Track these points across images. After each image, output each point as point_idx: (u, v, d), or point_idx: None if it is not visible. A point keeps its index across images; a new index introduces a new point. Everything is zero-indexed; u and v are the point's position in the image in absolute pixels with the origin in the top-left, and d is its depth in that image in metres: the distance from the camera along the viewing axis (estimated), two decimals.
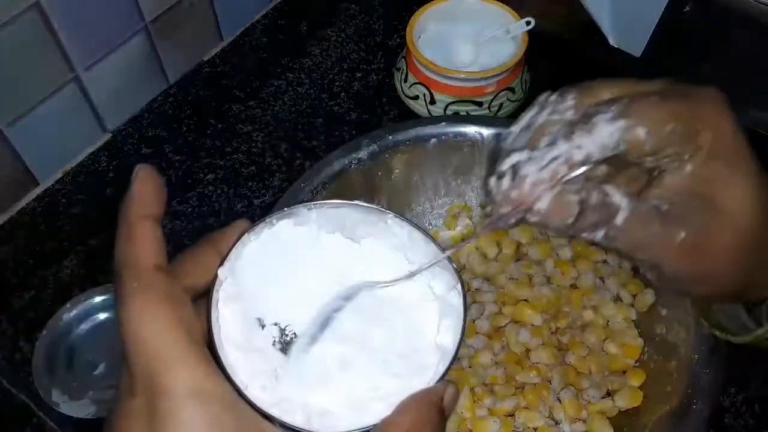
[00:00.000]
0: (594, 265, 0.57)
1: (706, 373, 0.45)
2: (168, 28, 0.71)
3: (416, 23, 0.68)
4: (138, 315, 0.23)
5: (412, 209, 0.61)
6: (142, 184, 0.26)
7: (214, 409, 0.23)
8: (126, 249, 0.25)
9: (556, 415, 0.51)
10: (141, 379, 0.23)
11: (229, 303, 0.27)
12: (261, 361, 0.27)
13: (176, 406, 0.22)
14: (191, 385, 0.22)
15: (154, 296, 0.23)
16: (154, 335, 0.23)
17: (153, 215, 0.26)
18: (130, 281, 0.24)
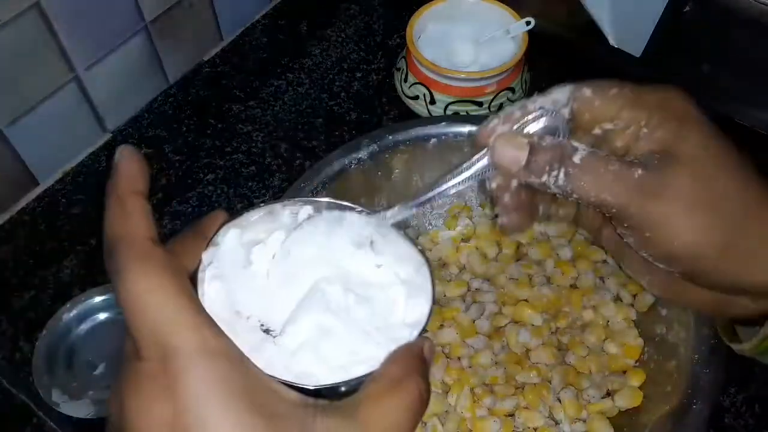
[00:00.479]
0: (594, 265, 0.57)
1: (706, 373, 0.45)
2: (168, 28, 0.71)
3: (416, 23, 0.68)
4: (141, 284, 0.24)
5: None
6: (127, 161, 0.26)
7: (224, 365, 0.23)
8: (120, 223, 0.25)
9: (556, 415, 0.51)
10: (148, 344, 0.23)
11: (214, 283, 0.29)
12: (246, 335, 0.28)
13: (188, 364, 0.23)
14: (200, 345, 0.23)
15: (155, 265, 0.24)
16: (159, 301, 0.23)
17: (141, 191, 0.26)
18: (127, 253, 0.24)
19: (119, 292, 0.24)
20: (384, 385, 0.26)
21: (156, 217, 0.64)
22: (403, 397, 0.26)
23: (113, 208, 0.25)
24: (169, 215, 0.65)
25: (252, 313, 0.29)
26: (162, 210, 0.66)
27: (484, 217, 0.61)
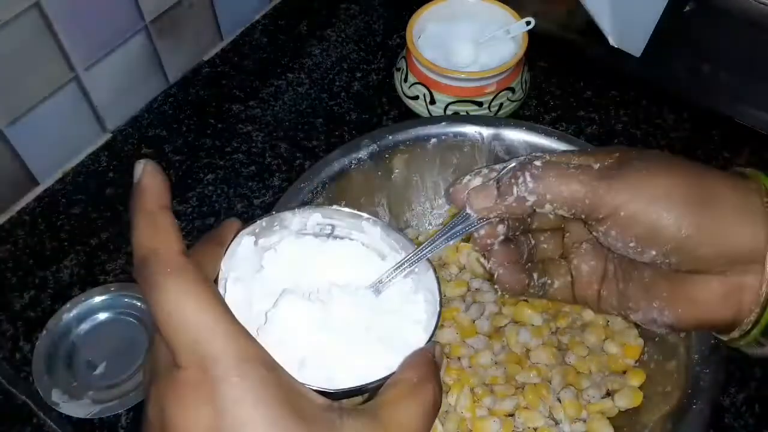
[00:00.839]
0: None
1: (706, 373, 0.45)
2: (168, 28, 0.71)
3: (416, 23, 0.68)
4: (178, 297, 0.25)
5: (412, 209, 0.61)
6: (151, 176, 0.28)
7: (261, 372, 0.25)
8: (151, 238, 0.26)
9: (556, 415, 0.51)
10: (188, 354, 0.25)
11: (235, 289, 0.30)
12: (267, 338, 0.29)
13: (227, 371, 0.24)
14: (238, 353, 0.25)
15: (189, 278, 0.25)
16: (197, 312, 0.25)
17: (167, 205, 0.27)
18: (162, 268, 0.25)
19: (155, 304, 0.25)
20: (403, 389, 0.28)
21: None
22: (420, 400, 0.28)
23: (143, 223, 0.27)
24: None
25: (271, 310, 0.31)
26: None
27: None
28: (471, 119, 0.60)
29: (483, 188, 0.34)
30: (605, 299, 0.36)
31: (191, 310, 0.25)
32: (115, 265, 0.62)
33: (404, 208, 0.61)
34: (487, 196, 0.33)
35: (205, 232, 0.64)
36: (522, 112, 0.71)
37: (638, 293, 0.35)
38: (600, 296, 0.37)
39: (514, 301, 0.56)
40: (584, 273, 0.37)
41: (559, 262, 0.38)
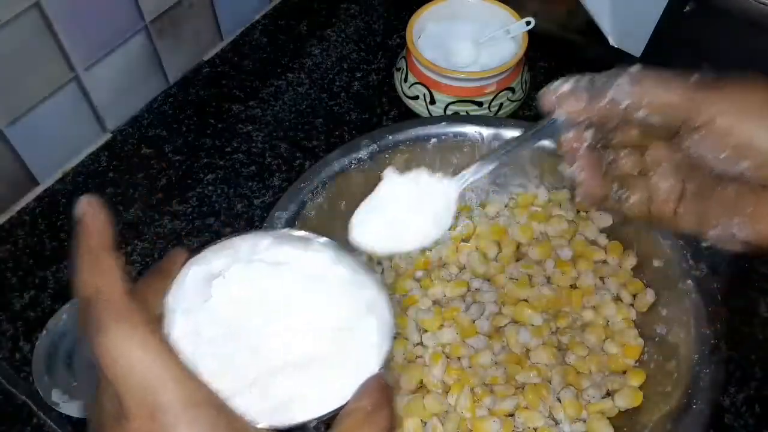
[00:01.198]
0: (594, 265, 0.57)
1: (706, 373, 0.46)
2: (168, 28, 0.71)
3: (416, 23, 0.68)
4: (123, 341, 0.24)
5: None
6: (92, 216, 0.27)
7: (210, 414, 0.25)
8: (95, 280, 0.26)
9: (556, 415, 0.51)
10: (137, 402, 0.24)
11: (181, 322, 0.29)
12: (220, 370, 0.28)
13: (176, 418, 0.24)
14: (187, 398, 0.24)
15: (135, 323, 0.25)
16: (143, 359, 0.24)
17: (110, 245, 0.27)
18: (107, 312, 0.25)
19: (99, 349, 0.25)
20: (357, 419, 0.28)
21: (156, 218, 0.65)
22: (376, 428, 0.27)
23: (86, 264, 0.26)
24: (169, 215, 0.65)
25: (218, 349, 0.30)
26: (162, 210, 0.65)
27: (484, 217, 0.61)
28: (471, 119, 0.60)
29: (574, 91, 0.34)
30: (682, 217, 0.36)
31: (137, 356, 0.24)
32: None
33: None
34: (579, 99, 0.33)
35: (205, 232, 0.64)
36: (522, 112, 0.71)
37: (719, 210, 0.35)
38: (676, 214, 0.36)
39: (514, 301, 0.56)
40: (663, 190, 0.36)
41: (638, 178, 0.38)
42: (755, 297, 0.59)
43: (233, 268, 0.32)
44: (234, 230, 0.64)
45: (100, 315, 0.25)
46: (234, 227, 0.64)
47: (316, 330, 0.31)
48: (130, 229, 0.64)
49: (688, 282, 0.49)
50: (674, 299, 0.51)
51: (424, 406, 0.50)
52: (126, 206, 0.66)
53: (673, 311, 0.51)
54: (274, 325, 0.31)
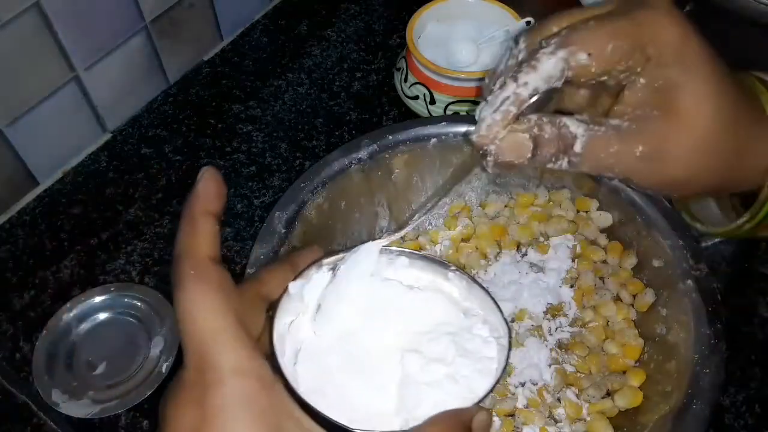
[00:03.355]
0: (594, 265, 0.57)
1: (706, 373, 0.45)
2: (168, 28, 0.71)
3: (416, 23, 0.68)
4: (193, 300, 0.26)
5: (412, 209, 0.61)
6: (206, 183, 0.28)
7: (253, 386, 0.26)
8: (187, 240, 0.27)
9: (556, 415, 0.51)
10: (193, 355, 0.26)
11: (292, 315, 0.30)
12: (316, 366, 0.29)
13: (220, 379, 0.25)
14: (234, 364, 0.25)
15: (208, 284, 0.26)
16: (206, 318, 0.26)
17: (214, 212, 0.28)
18: (188, 269, 0.26)
19: (175, 302, 0.26)
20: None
21: (156, 218, 0.65)
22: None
23: (184, 224, 0.28)
24: (169, 215, 0.65)
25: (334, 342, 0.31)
26: (162, 210, 0.65)
27: (484, 217, 0.61)
28: (471, 119, 0.59)
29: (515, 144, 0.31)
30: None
31: (202, 314, 0.26)
32: (115, 265, 0.62)
33: (404, 208, 0.61)
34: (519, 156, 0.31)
35: None
36: None
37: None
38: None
39: None
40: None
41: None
42: (755, 297, 0.59)
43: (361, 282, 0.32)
44: (234, 230, 0.64)
45: (181, 271, 0.26)
46: (234, 227, 0.64)
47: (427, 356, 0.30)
48: (130, 229, 0.64)
49: (688, 282, 0.49)
50: (674, 299, 0.51)
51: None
52: (126, 206, 0.66)
53: (673, 311, 0.51)
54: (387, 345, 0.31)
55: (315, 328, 0.31)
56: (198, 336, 0.26)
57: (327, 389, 0.29)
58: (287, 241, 0.52)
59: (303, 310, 0.31)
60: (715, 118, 0.31)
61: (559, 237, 0.58)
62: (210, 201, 0.28)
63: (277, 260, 0.32)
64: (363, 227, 0.59)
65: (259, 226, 0.55)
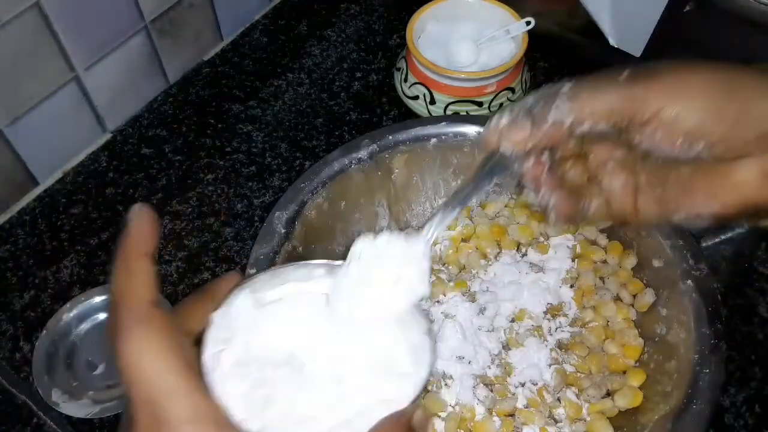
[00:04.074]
0: (594, 265, 0.57)
1: (706, 373, 0.45)
2: (168, 28, 0.71)
3: (416, 23, 0.68)
4: (138, 346, 0.25)
5: (412, 209, 0.61)
6: (139, 222, 0.28)
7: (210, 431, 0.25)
8: (123, 285, 0.26)
9: (556, 415, 0.51)
10: (143, 407, 0.25)
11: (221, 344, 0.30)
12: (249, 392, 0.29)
13: (177, 429, 0.24)
14: (189, 411, 0.25)
15: (152, 328, 0.25)
16: (153, 365, 0.25)
17: (149, 252, 0.27)
18: (128, 314, 0.25)
19: (117, 351, 0.25)
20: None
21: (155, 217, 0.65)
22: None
23: (119, 267, 0.27)
24: (169, 215, 0.65)
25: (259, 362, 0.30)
26: (162, 210, 0.65)
27: (484, 217, 0.61)
28: (471, 119, 0.60)
29: (515, 123, 0.33)
30: (643, 209, 0.36)
31: (150, 362, 0.25)
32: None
33: (404, 208, 0.61)
34: (522, 128, 0.33)
35: (205, 232, 0.64)
36: None
37: (678, 193, 0.35)
38: (637, 208, 0.37)
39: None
40: (617, 188, 0.37)
41: (590, 185, 0.38)
42: (755, 297, 0.59)
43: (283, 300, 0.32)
44: (234, 230, 0.64)
45: (121, 319, 0.25)
46: (234, 227, 0.64)
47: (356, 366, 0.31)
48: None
49: (688, 282, 0.49)
50: (674, 299, 0.51)
51: (424, 405, 0.50)
52: (126, 206, 0.66)
53: (673, 311, 0.51)
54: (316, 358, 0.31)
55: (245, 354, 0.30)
56: (147, 386, 0.25)
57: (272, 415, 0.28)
58: (287, 241, 0.52)
59: (229, 337, 0.30)
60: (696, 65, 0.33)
61: (559, 237, 0.58)
62: (143, 241, 0.27)
63: (194, 292, 0.31)
64: (363, 227, 0.59)
65: (259, 226, 0.55)
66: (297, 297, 0.33)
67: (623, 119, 0.32)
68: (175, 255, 0.62)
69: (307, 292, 0.33)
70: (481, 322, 0.55)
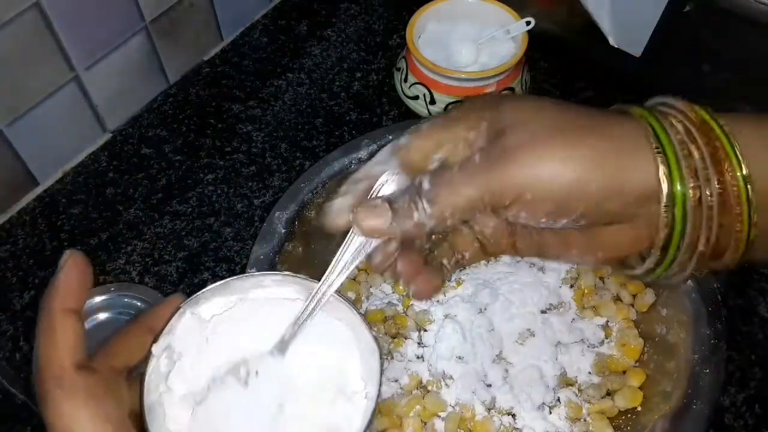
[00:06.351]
0: None
1: (706, 373, 0.46)
2: (168, 28, 0.71)
3: (416, 23, 0.68)
4: (64, 418, 0.25)
5: None
6: (67, 272, 0.27)
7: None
8: (46, 348, 0.26)
9: (557, 415, 0.51)
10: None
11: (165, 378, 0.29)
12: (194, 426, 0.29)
13: None
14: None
15: (77, 397, 0.25)
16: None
17: (75, 308, 0.27)
18: (52, 383, 0.25)
19: (45, 418, 0.25)
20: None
21: (156, 218, 0.65)
22: None
23: (43, 325, 0.26)
24: (169, 215, 0.65)
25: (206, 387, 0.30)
26: (162, 210, 0.66)
27: None
28: None
29: (372, 208, 0.30)
30: (522, 249, 0.35)
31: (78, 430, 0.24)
32: (115, 265, 0.62)
33: None
34: (379, 217, 0.30)
35: (205, 232, 0.64)
36: None
37: (554, 242, 0.33)
38: (516, 247, 0.35)
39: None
40: (491, 235, 0.35)
41: (461, 231, 0.36)
42: (755, 297, 0.59)
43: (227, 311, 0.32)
44: (234, 230, 0.64)
45: (45, 387, 0.25)
46: (234, 227, 0.64)
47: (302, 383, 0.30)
48: (130, 229, 0.64)
49: (688, 282, 0.49)
50: (674, 299, 0.51)
51: (424, 405, 0.50)
52: (126, 206, 0.66)
53: (673, 311, 0.51)
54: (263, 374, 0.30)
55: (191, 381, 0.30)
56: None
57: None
58: (287, 241, 0.52)
59: (173, 368, 0.30)
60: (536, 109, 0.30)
61: None
62: (70, 296, 0.27)
63: (127, 325, 0.31)
64: None
65: (259, 226, 0.55)
66: (243, 310, 0.32)
67: (485, 208, 0.30)
68: (175, 255, 0.62)
69: (253, 303, 0.32)
70: (481, 322, 0.54)
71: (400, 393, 0.52)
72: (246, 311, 0.32)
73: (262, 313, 0.32)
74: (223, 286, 0.31)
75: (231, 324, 0.32)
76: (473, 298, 0.56)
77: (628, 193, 0.29)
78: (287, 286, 0.32)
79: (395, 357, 0.53)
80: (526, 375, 0.52)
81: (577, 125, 0.29)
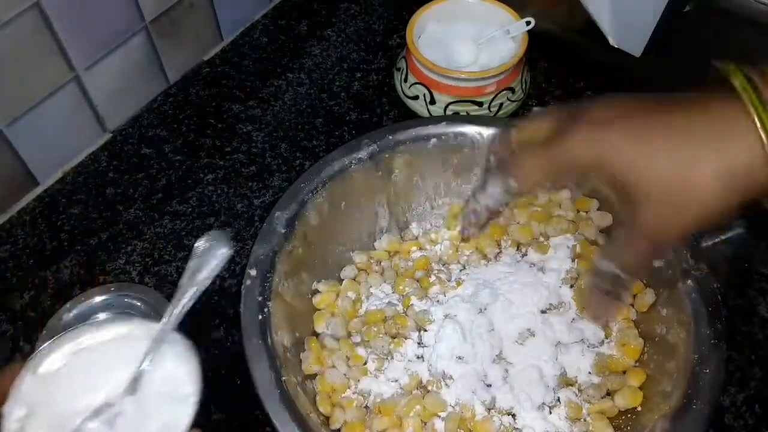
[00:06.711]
0: None
1: (706, 373, 0.46)
2: (168, 28, 0.71)
3: (416, 23, 0.68)
4: None
5: (412, 209, 0.61)
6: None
7: None
8: None
9: (557, 415, 0.51)
10: None
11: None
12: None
13: None
14: None
15: None
16: None
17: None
18: None
19: None
20: None
21: (156, 218, 0.65)
22: None
23: None
24: (169, 215, 0.65)
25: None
26: (162, 210, 0.66)
27: None
28: (471, 119, 0.60)
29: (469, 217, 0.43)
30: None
31: None
32: (115, 265, 0.62)
33: (404, 208, 0.61)
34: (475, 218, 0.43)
35: (205, 232, 0.64)
36: (522, 112, 0.71)
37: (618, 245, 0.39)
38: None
39: None
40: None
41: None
42: (755, 297, 0.59)
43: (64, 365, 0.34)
44: (234, 230, 0.64)
45: None
46: (234, 227, 0.64)
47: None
48: (130, 229, 0.64)
49: (688, 282, 0.49)
50: (674, 299, 0.51)
51: (424, 405, 0.50)
52: (126, 206, 0.66)
53: (673, 311, 0.51)
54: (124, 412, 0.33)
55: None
56: None
57: None
58: (287, 241, 0.52)
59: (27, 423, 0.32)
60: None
61: (559, 237, 0.58)
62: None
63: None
64: (363, 227, 0.59)
65: (259, 226, 0.55)
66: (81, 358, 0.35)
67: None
68: (175, 255, 0.62)
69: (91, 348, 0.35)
70: (481, 322, 0.54)
71: (400, 393, 0.52)
72: (84, 359, 0.35)
73: (99, 356, 0.35)
74: (56, 342, 0.35)
75: (75, 374, 0.34)
76: (473, 298, 0.56)
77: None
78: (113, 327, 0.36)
79: (395, 357, 0.53)
80: (526, 375, 0.52)
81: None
